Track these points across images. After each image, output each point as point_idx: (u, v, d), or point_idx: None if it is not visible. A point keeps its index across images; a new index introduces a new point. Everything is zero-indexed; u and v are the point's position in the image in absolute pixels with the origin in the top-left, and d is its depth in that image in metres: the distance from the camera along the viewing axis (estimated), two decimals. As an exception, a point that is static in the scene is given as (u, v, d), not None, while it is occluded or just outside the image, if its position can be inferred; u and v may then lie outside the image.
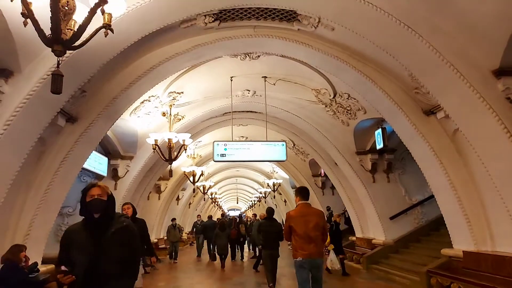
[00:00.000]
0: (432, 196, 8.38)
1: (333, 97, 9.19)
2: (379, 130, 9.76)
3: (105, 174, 10.20)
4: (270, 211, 8.32)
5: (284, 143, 9.44)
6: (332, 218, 10.83)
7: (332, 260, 9.33)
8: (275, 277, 7.64)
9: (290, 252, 5.44)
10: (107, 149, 10.42)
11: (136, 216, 5.82)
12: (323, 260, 4.79)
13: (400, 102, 6.88)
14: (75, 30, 3.29)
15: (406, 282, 8.16)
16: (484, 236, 6.27)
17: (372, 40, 5.56)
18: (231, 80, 8.85)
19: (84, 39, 3.41)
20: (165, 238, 15.13)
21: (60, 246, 2.72)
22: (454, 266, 6.92)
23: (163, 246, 15.44)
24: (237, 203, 50.31)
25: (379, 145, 9.86)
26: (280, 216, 25.66)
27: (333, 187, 14.86)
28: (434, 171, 6.91)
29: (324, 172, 14.75)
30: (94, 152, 8.76)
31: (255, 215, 18.17)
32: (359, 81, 6.99)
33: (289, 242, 5.13)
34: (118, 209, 9.81)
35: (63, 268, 2.48)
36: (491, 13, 4.27)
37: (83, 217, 2.74)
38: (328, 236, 9.61)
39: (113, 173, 10.54)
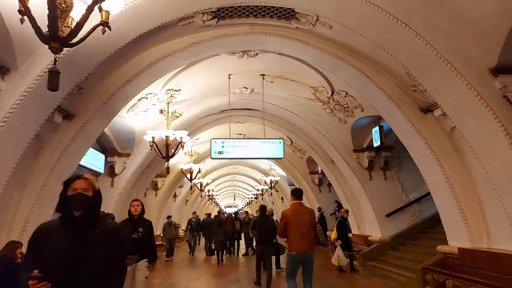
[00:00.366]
0: (428, 194, 8.42)
1: (331, 95, 9.20)
2: (376, 128, 9.79)
3: (102, 171, 10.19)
4: (263, 208, 8.61)
5: (281, 140, 9.46)
6: (339, 213, 10.82)
7: (339, 256, 9.32)
8: (271, 275, 7.60)
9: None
10: (104, 146, 10.40)
11: (144, 215, 5.30)
12: (313, 253, 5.25)
13: (397, 100, 6.90)
14: (72, 27, 3.28)
15: (402, 279, 8.20)
16: (480, 233, 6.29)
17: (370, 37, 5.56)
18: (229, 78, 8.84)
19: (81, 36, 3.40)
20: (162, 235, 15.17)
21: (29, 247, 2.24)
22: (449, 263, 6.95)
23: (160, 242, 15.46)
24: (234, 200, 50.37)
25: (376, 143, 9.89)
26: (277, 213, 25.72)
27: (329, 185, 14.92)
28: (431, 169, 6.94)
29: (321, 170, 14.78)
30: (90, 149, 8.73)
31: (246, 212, 18.57)
32: (357, 79, 7.00)
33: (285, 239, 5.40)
34: (115, 206, 9.79)
35: (36, 273, 2.00)
36: (489, 11, 4.27)
37: (60, 214, 2.29)
38: (335, 232, 9.73)
39: (110, 170, 10.53)
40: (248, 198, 39.07)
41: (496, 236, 6.01)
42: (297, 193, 5.47)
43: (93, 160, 9.67)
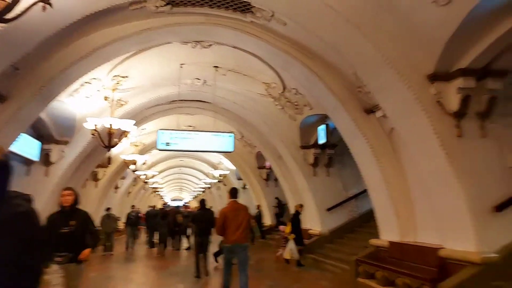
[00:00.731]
0: (366, 190, 8.90)
1: (282, 92, 9.37)
2: (323, 126, 10.14)
3: (36, 159, 9.46)
4: (202, 202, 8.73)
5: (232, 134, 9.47)
6: (295, 207, 11.03)
7: (291, 249, 9.49)
8: (207, 266, 7.86)
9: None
10: (40, 132, 9.63)
11: (77, 206, 4.44)
12: (247, 244, 5.78)
13: (343, 100, 7.20)
14: (9, 1, 3.01)
15: (337, 271, 8.59)
16: (409, 228, 6.77)
17: (322, 36, 5.74)
18: (181, 68, 8.63)
19: (19, 12, 3.14)
20: (100, 228, 14.48)
21: None
22: (381, 255, 7.35)
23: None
24: (181, 193, 49.54)
25: (322, 140, 10.25)
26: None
27: (277, 179, 15.24)
28: (370, 167, 7.36)
29: (269, 165, 15.05)
30: (24, 134, 8.06)
31: (186, 206, 18.55)
32: (306, 77, 7.20)
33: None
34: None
35: None
36: (431, 20, 4.60)
37: None
38: (290, 226, 9.99)
39: (45, 158, 9.80)
40: (195, 191, 38.63)
41: (422, 231, 6.52)
42: (233, 192, 6.04)
43: (27, 147, 8.94)
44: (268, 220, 16.15)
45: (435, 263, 5.67)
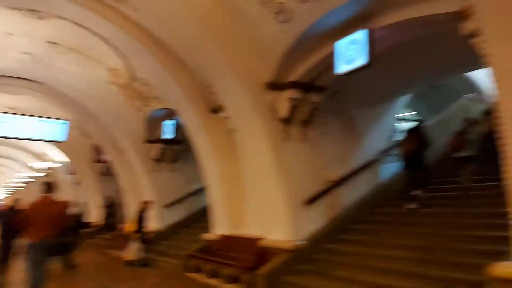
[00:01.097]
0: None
1: (130, 81, 8.94)
2: (170, 121, 10.11)
3: None
4: (15, 200, 7.99)
5: (66, 122, 8.53)
6: (140, 203, 10.33)
7: (135, 250, 8.91)
8: (4, 273, 6.85)
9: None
10: None
11: None
12: (53, 241, 5.49)
13: (191, 97, 7.39)
14: None
15: (168, 266, 8.59)
16: (239, 222, 7.31)
17: (175, 32, 5.85)
18: (7, 37, 7.22)
19: None
20: None
21: None
22: (211, 249, 7.66)
23: None
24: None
25: (168, 135, 10.21)
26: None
27: (114, 174, 14.32)
28: (211, 164, 7.77)
29: (107, 158, 14.01)
30: None
31: None
32: (157, 69, 7.14)
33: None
34: None
35: None
36: (272, 34, 5.26)
37: None
38: (134, 224, 9.33)
39: None
40: (12, 187, 32.57)
41: (250, 224, 7.11)
42: (46, 186, 5.76)
43: None
44: (98, 218, 14.97)
45: (256, 252, 6.27)
